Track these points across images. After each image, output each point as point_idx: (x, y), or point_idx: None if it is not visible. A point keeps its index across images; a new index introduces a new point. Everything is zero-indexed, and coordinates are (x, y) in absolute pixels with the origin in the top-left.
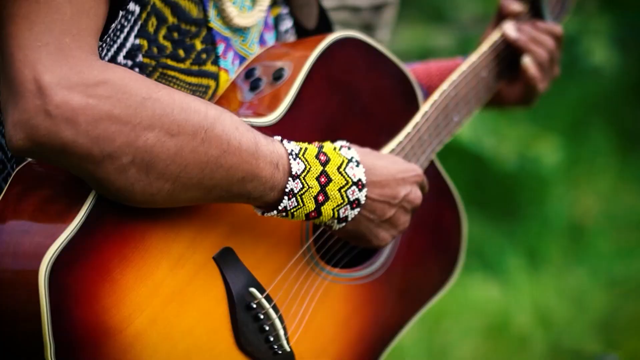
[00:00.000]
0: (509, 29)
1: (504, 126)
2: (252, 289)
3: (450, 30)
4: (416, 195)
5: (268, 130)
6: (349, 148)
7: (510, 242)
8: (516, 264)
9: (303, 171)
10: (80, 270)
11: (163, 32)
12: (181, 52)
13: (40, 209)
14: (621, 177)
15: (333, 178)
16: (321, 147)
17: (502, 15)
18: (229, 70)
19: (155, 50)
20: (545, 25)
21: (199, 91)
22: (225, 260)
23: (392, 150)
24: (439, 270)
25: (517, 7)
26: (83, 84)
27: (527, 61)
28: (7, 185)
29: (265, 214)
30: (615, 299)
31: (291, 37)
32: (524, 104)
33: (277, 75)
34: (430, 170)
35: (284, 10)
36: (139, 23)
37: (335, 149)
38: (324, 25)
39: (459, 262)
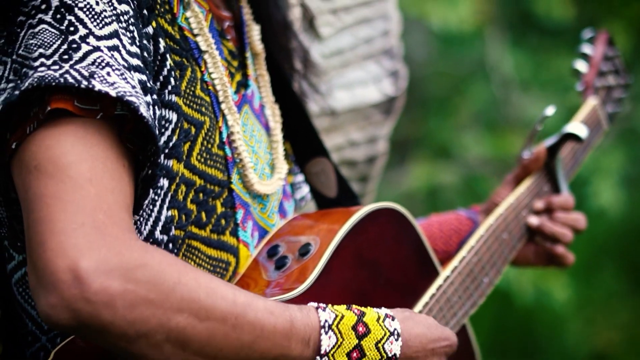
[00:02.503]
0: (532, 219)
1: None
2: None
3: (456, 168)
4: None
5: (297, 300)
6: (393, 319)
7: None
8: None
9: (333, 346)
10: None
11: (191, 195)
12: (203, 216)
13: None
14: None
15: (367, 353)
16: (362, 316)
17: (519, 173)
18: (249, 244)
19: (184, 218)
20: (560, 202)
21: (219, 267)
22: None
23: (419, 312)
24: None
25: (537, 158)
26: (122, 267)
27: (559, 249)
28: None
29: None
30: None
31: (309, 205)
32: (554, 265)
33: (304, 251)
34: (461, 336)
35: (299, 177)
36: (169, 194)
37: (379, 319)
38: (346, 194)
39: None
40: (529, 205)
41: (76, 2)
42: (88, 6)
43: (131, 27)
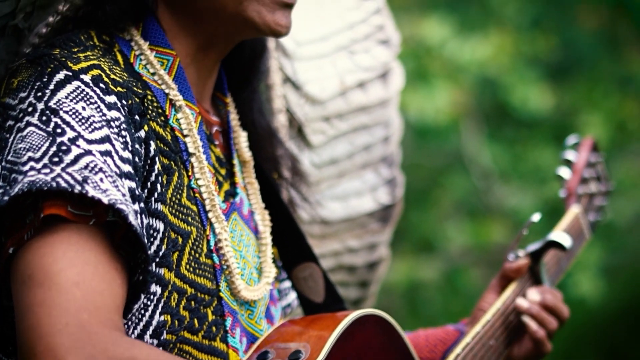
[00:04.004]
0: (521, 301)
1: None
2: None
3: (438, 261)
4: None
5: None
6: None
7: None
8: None
9: None
10: None
11: (183, 303)
12: (196, 323)
13: None
14: None
15: None
16: None
17: (503, 278)
18: (238, 349)
19: (176, 323)
20: (552, 291)
21: None
22: None
23: None
24: None
25: (520, 269)
26: None
27: (534, 330)
28: None
29: None
30: None
31: (296, 310)
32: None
33: (294, 358)
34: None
35: (285, 284)
36: (162, 300)
37: None
38: (333, 299)
39: None
40: (515, 310)
41: (61, 106)
42: (74, 110)
43: (123, 132)
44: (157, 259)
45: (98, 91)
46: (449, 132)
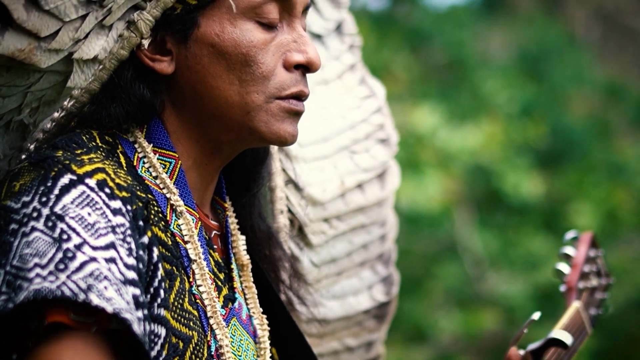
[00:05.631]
0: None
1: None
2: None
3: (429, 349)
4: None
5: None
6: None
7: None
8: None
9: None
10: None
11: None
12: None
13: None
14: None
15: None
16: None
17: None
18: None
19: None
20: None
21: None
22: None
23: None
24: None
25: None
26: None
27: None
28: None
29: None
30: None
31: None
32: None
33: None
34: None
35: None
36: None
37: None
38: None
39: None
40: None
41: (66, 211)
42: (79, 216)
43: (128, 239)
44: None
45: (103, 196)
46: (441, 219)
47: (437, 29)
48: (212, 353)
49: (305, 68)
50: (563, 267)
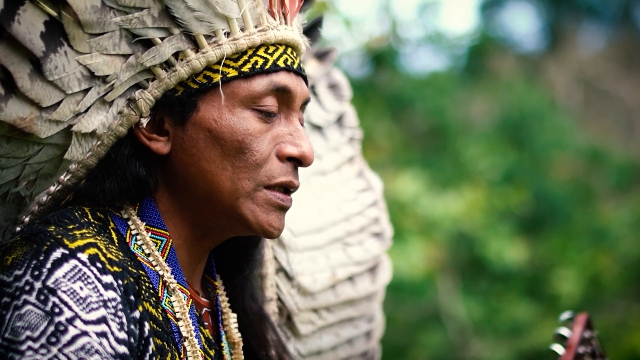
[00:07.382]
0: None
1: None
2: None
3: None
4: None
5: None
6: None
7: None
8: None
9: None
10: None
11: None
12: None
13: None
14: None
15: None
16: None
17: None
18: None
19: None
20: None
21: None
22: None
23: None
24: None
25: None
26: None
27: None
28: None
29: None
30: None
31: None
32: None
33: None
34: None
35: None
36: None
37: None
38: None
39: None
40: None
41: (58, 285)
42: (71, 290)
43: (119, 313)
44: None
45: (95, 271)
46: (424, 287)
47: (418, 95)
48: None
49: (298, 162)
50: (558, 348)
